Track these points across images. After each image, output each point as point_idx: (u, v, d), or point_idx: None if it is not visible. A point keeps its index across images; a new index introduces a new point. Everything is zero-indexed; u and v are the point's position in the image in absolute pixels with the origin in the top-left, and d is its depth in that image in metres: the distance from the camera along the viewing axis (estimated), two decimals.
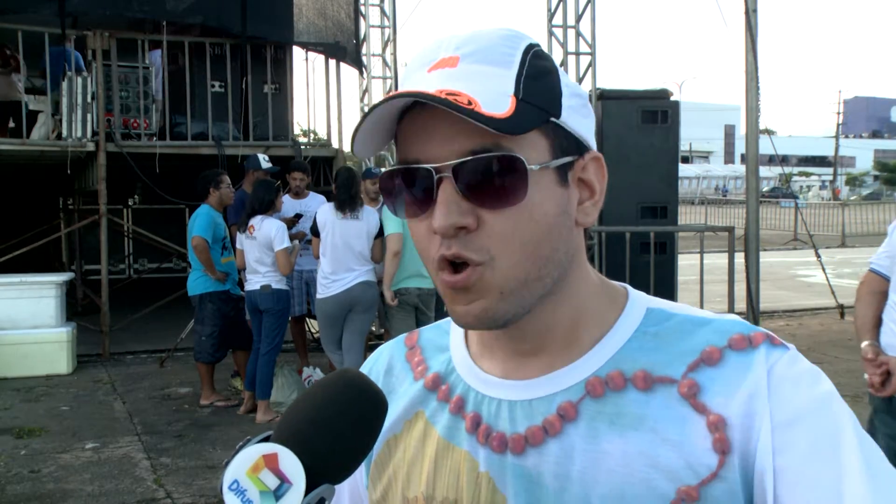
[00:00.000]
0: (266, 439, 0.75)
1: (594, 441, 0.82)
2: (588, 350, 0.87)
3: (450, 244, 0.81)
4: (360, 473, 0.99)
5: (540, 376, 0.87)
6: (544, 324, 0.87)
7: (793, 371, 0.82)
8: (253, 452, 0.72)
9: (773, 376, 0.81)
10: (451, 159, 0.79)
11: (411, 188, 0.82)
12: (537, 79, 0.82)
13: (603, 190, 0.88)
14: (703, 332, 0.85)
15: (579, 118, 0.86)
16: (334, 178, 6.75)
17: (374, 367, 1.03)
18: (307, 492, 0.72)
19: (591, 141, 0.88)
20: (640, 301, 0.91)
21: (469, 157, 0.79)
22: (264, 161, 7.56)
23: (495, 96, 0.79)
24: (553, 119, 0.82)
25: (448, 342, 0.98)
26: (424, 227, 0.83)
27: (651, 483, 0.79)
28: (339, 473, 0.76)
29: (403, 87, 0.84)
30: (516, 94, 0.80)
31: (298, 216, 7.43)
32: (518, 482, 0.85)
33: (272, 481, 0.71)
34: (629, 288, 0.93)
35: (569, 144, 0.84)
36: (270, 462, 0.72)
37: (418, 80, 0.83)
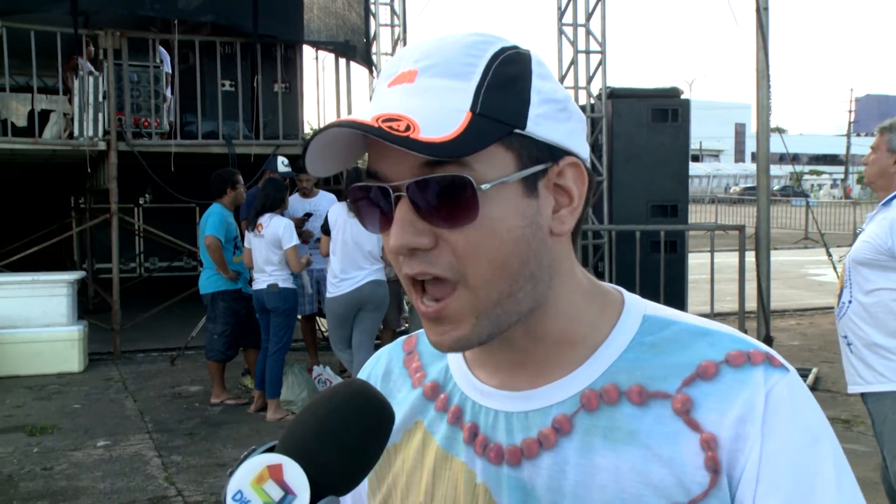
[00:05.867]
0: (271, 449, 0.74)
1: (588, 455, 0.82)
2: (584, 361, 0.85)
3: (411, 263, 0.80)
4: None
5: (536, 387, 0.86)
6: (533, 335, 0.86)
7: (791, 398, 0.80)
8: (257, 463, 0.72)
9: (771, 402, 0.79)
10: (406, 177, 0.78)
11: (376, 204, 0.82)
12: (501, 89, 0.79)
13: (583, 196, 0.84)
14: (700, 345, 0.83)
15: (553, 124, 0.81)
16: (345, 177, 6.75)
17: (373, 371, 1.03)
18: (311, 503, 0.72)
19: (573, 146, 0.83)
20: (635, 308, 0.89)
21: (420, 178, 0.77)
22: (283, 165, 7.56)
23: (447, 114, 0.76)
24: (518, 131, 0.79)
25: None
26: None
27: (642, 500, 0.79)
28: (343, 485, 0.75)
29: (367, 104, 0.82)
30: (473, 108, 0.77)
31: (308, 215, 7.45)
32: (513, 494, 0.84)
33: (276, 493, 0.71)
34: (624, 292, 0.91)
35: (539, 152, 0.80)
36: (275, 473, 0.71)
37: (380, 94, 0.83)
